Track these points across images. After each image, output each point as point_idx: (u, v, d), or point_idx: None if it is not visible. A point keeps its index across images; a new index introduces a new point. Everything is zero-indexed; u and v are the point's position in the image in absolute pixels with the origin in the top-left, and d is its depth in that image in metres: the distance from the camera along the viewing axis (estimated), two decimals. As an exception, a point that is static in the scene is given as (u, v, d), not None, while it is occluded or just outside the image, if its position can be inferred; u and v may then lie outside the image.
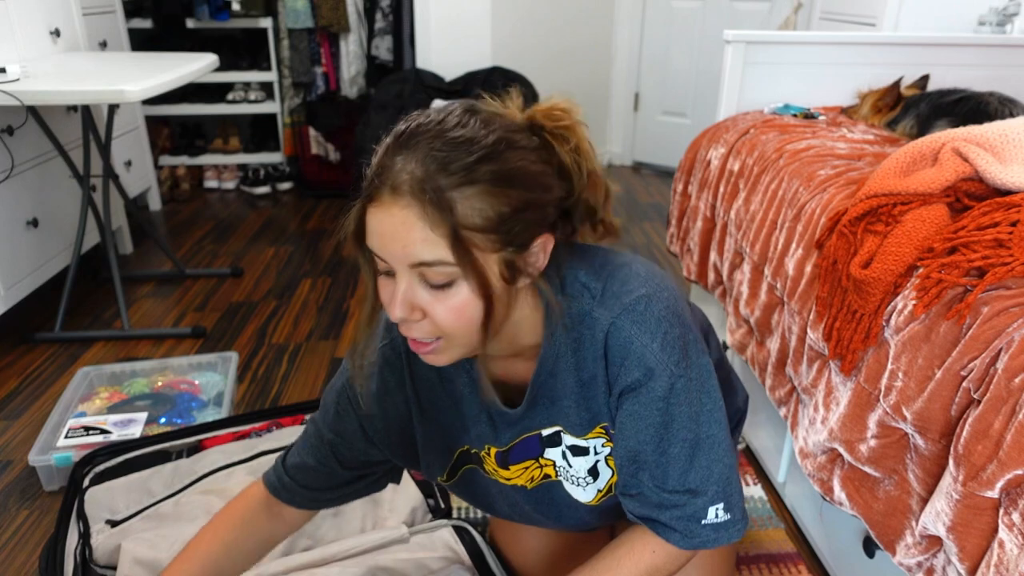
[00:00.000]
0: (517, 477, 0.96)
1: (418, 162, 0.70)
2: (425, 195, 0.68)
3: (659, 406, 0.80)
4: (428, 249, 0.70)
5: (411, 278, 0.72)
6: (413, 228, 0.69)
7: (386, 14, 3.49)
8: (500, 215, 0.71)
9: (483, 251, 0.72)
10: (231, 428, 1.60)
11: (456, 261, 0.70)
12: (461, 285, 0.72)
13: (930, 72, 1.87)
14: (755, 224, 1.52)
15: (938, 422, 0.91)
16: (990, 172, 1.07)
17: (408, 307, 0.73)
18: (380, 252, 0.72)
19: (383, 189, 0.70)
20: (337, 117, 3.59)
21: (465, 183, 0.69)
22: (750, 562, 1.38)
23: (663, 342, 0.79)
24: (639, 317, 0.79)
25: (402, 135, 0.73)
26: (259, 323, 2.34)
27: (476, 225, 0.70)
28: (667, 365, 0.79)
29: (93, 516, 1.36)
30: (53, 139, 2.17)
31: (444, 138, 0.71)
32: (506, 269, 0.74)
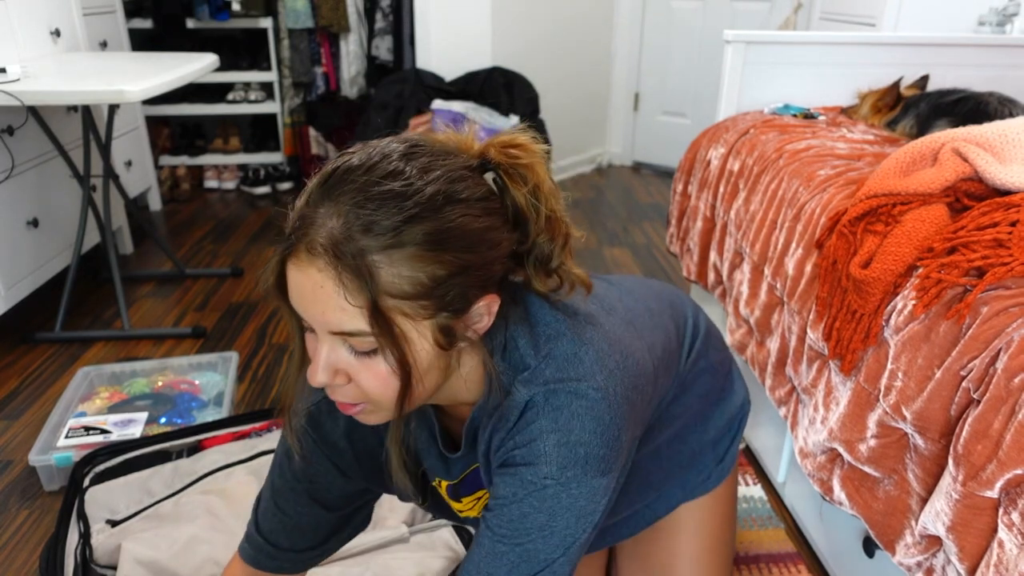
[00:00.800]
0: (469, 509, 0.92)
1: (339, 218, 0.62)
2: (342, 260, 0.61)
3: (518, 495, 0.71)
4: (346, 319, 0.63)
5: (333, 342, 0.66)
6: (329, 296, 0.62)
7: (386, 14, 3.49)
8: (433, 280, 0.64)
9: (412, 319, 0.65)
10: (231, 428, 1.60)
11: (375, 334, 0.63)
12: (387, 354, 0.65)
13: (930, 72, 1.88)
14: (755, 224, 1.52)
15: (938, 422, 0.91)
16: (990, 172, 1.07)
17: (331, 372, 0.68)
18: (299, 312, 0.66)
19: (300, 245, 0.63)
20: (337, 117, 3.59)
21: (392, 246, 0.62)
22: (749, 562, 1.38)
23: (559, 442, 0.70)
24: (553, 406, 0.70)
25: (328, 179, 0.65)
26: (259, 323, 2.34)
27: (403, 292, 0.63)
28: (550, 465, 0.70)
29: (93, 516, 1.36)
30: (53, 139, 2.17)
31: (371, 191, 0.63)
32: (441, 335, 0.67)
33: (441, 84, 3.30)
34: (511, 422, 0.73)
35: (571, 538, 0.72)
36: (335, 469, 0.88)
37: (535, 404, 0.71)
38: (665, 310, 0.97)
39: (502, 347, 0.74)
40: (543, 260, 0.74)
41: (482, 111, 3.15)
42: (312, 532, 0.92)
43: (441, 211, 0.63)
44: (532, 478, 0.70)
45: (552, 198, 0.72)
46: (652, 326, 0.89)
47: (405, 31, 3.52)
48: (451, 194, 0.64)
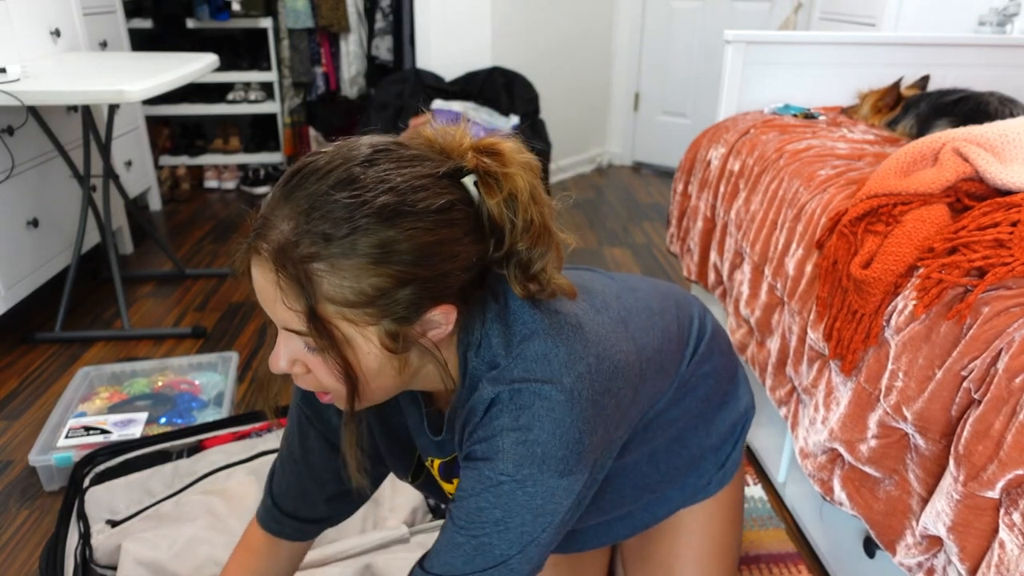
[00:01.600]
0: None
1: (290, 221, 0.64)
2: (284, 266, 0.63)
3: (476, 488, 0.72)
4: (290, 319, 0.66)
5: (288, 335, 0.69)
6: (275, 296, 0.65)
7: (386, 14, 3.49)
8: (377, 290, 0.64)
9: (356, 324, 0.66)
10: (231, 428, 1.60)
11: (313, 338, 0.66)
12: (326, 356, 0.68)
13: (930, 72, 1.87)
14: (755, 224, 1.52)
15: (938, 422, 0.91)
16: (990, 172, 1.07)
17: (289, 361, 0.71)
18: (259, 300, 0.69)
19: (258, 243, 0.66)
20: (337, 117, 3.59)
21: (335, 255, 0.63)
22: (750, 562, 1.38)
23: (518, 440, 0.70)
24: (517, 404, 0.71)
25: (291, 179, 0.66)
26: (259, 323, 2.34)
27: (345, 300, 0.64)
28: (506, 462, 0.70)
29: (93, 516, 1.36)
30: (53, 139, 2.17)
31: (322, 199, 0.63)
32: (389, 339, 0.67)
33: (441, 84, 3.30)
34: (477, 417, 0.73)
35: (528, 536, 0.72)
36: (327, 444, 0.91)
37: (500, 401, 0.72)
38: (669, 309, 0.96)
39: (477, 343, 0.74)
40: (522, 266, 0.73)
41: (482, 111, 3.15)
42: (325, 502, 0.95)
43: (389, 223, 0.63)
44: (489, 473, 0.71)
45: (534, 206, 0.71)
46: (648, 326, 0.89)
47: (405, 31, 3.52)
48: (401, 206, 0.64)
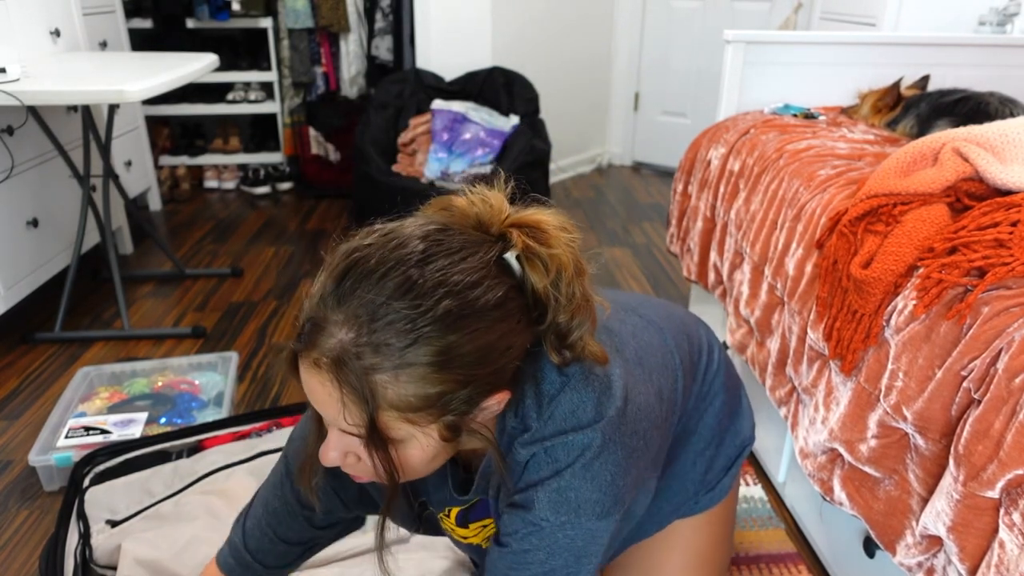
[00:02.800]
0: (474, 536, 0.93)
1: (348, 331, 0.62)
2: (347, 377, 0.62)
3: (520, 532, 0.74)
4: (347, 425, 0.65)
5: (340, 431, 0.69)
6: (333, 404, 0.64)
7: (386, 14, 3.49)
8: (439, 394, 0.65)
9: (417, 424, 0.66)
10: (231, 428, 1.60)
11: (368, 445, 0.65)
12: (399, 446, 0.68)
13: (930, 72, 1.87)
14: (755, 224, 1.52)
15: (938, 422, 0.91)
16: (990, 172, 1.07)
17: (341, 454, 0.70)
18: (311, 400, 0.68)
19: (311, 350, 0.64)
20: (337, 117, 3.59)
21: (399, 366, 0.62)
22: (750, 562, 1.38)
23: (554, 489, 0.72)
24: (552, 458, 0.73)
25: (343, 280, 0.64)
26: (259, 323, 2.34)
27: (408, 406, 0.64)
28: (544, 510, 0.73)
29: (93, 516, 1.36)
30: (53, 139, 2.17)
31: (383, 308, 0.62)
32: (448, 431, 0.68)
33: (441, 84, 3.30)
34: (515, 476, 0.75)
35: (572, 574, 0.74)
36: (340, 503, 0.90)
37: (536, 457, 0.73)
38: (682, 345, 0.95)
39: (513, 407, 0.74)
40: (560, 336, 0.73)
41: (482, 111, 3.15)
42: (300, 548, 0.95)
43: (452, 329, 0.63)
44: (531, 519, 0.73)
45: (577, 280, 0.71)
46: (662, 366, 0.88)
47: (405, 31, 3.52)
48: (464, 309, 0.64)
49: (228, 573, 0.94)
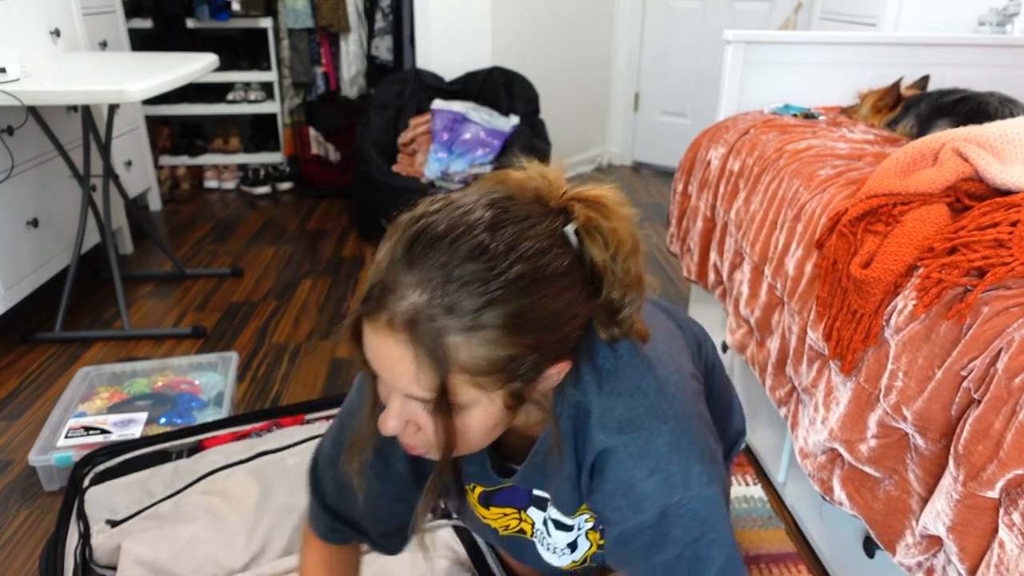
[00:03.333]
0: (495, 520, 0.94)
1: (422, 294, 0.62)
2: (421, 338, 0.62)
3: (649, 533, 0.74)
4: (418, 388, 0.65)
5: (403, 399, 0.68)
6: (405, 366, 0.64)
7: (386, 14, 3.49)
8: (509, 358, 0.65)
9: (484, 389, 0.66)
10: (231, 428, 1.60)
11: (436, 408, 0.65)
12: (462, 412, 0.68)
13: (930, 72, 1.87)
14: (755, 224, 1.52)
15: (938, 422, 0.91)
16: (990, 172, 1.07)
17: (402, 423, 0.70)
18: (374, 367, 0.68)
19: (381, 312, 0.64)
20: (337, 117, 3.59)
21: (472, 328, 0.62)
22: (750, 562, 1.38)
23: (658, 482, 0.73)
24: (638, 450, 0.73)
25: (413, 244, 0.64)
26: (259, 323, 2.34)
27: (478, 369, 0.64)
28: (657, 502, 0.73)
29: (93, 516, 1.36)
30: (53, 139, 2.17)
31: (456, 271, 0.62)
32: (512, 399, 0.69)
33: (441, 84, 3.30)
34: (589, 461, 0.75)
35: (722, 539, 0.75)
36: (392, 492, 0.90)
37: (616, 453, 0.73)
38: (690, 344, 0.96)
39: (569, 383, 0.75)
40: (611, 312, 0.73)
41: (482, 111, 3.15)
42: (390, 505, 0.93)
43: (525, 293, 0.64)
44: (647, 518, 0.73)
45: (633, 258, 0.71)
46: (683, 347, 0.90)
47: (405, 31, 3.52)
48: (536, 274, 0.64)
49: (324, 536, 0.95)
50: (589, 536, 0.92)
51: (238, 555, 1.26)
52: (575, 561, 0.95)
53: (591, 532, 0.91)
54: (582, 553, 0.94)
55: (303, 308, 2.45)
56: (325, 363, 2.09)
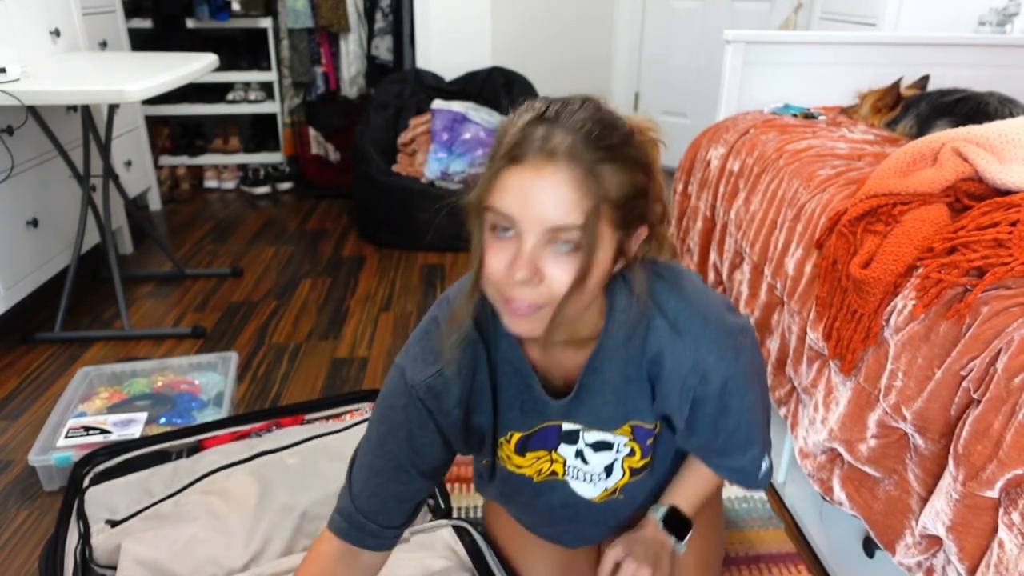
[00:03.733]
0: (528, 466, 0.99)
1: (571, 133, 0.73)
2: (579, 163, 0.72)
3: (714, 402, 0.88)
4: (570, 213, 0.73)
5: (539, 240, 0.74)
6: (563, 191, 0.72)
7: (386, 14, 3.49)
8: (627, 195, 0.76)
9: (609, 226, 0.75)
10: (231, 428, 1.60)
11: (591, 226, 0.73)
12: (583, 251, 0.75)
13: (930, 72, 1.87)
14: (755, 224, 1.52)
15: (938, 422, 0.91)
16: (990, 172, 1.07)
17: (532, 268, 0.74)
18: (515, 211, 0.74)
19: (534, 154, 0.73)
20: (337, 117, 3.59)
21: (610, 159, 0.74)
22: (750, 562, 1.38)
23: (717, 349, 0.86)
24: (679, 318, 0.86)
25: (545, 111, 0.76)
26: (259, 323, 2.34)
27: (612, 199, 0.74)
28: (719, 367, 0.86)
29: (93, 516, 1.36)
30: (53, 139, 2.17)
31: (593, 120, 0.75)
32: (617, 247, 0.78)
33: (441, 84, 3.30)
34: (651, 353, 0.87)
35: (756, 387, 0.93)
36: (440, 438, 0.93)
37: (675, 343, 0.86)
38: None
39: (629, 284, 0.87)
40: (659, 220, 0.85)
41: (482, 111, 3.15)
42: (408, 505, 0.96)
43: (633, 142, 0.78)
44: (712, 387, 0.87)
45: (658, 174, 0.83)
46: None
47: (405, 31, 3.52)
48: (634, 134, 0.79)
49: (344, 537, 0.95)
50: (625, 464, 0.97)
51: (238, 555, 1.26)
52: (607, 489, 1.00)
53: (627, 459, 0.97)
54: (615, 481, 0.99)
55: (303, 308, 2.45)
56: (325, 363, 2.09)
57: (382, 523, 0.95)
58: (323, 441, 1.51)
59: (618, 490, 1.01)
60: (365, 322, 2.34)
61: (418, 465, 0.93)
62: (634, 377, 0.89)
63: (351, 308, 2.45)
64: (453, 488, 1.57)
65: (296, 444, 1.50)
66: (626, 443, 0.96)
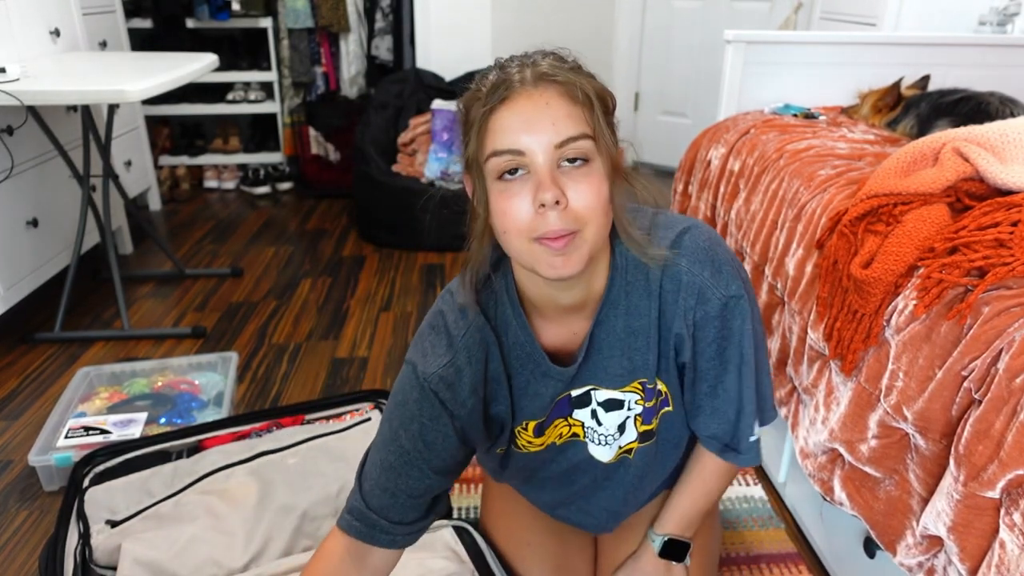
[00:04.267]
0: (549, 438, 1.01)
1: (541, 59, 0.80)
2: (560, 78, 0.78)
3: (715, 325, 0.89)
4: (573, 124, 0.76)
5: (551, 160, 0.76)
6: (559, 105, 0.77)
7: (386, 14, 3.49)
8: (608, 109, 0.81)
9: (603, 130, 0.79)
10: (231, 428, 1.60)
11: (593, 132, 0.78)
12: (595, 163, 0.78)
13: (930, 72, 1.87)
14: (755, 224, 1.52)
15: (939, 422, 0.91)
16: (991, 172, 1.07)
17: (556, 188, 0.76)
18: (519, 142, 0.76)
19: (519, 85, 0.77)
20: (337, 117, 3.59)
21: (582, 73, 0.80)
22: (750, 562, 1.38)
23: (712, 269, 0.88)
24: (687, 252, 0.88)
25: (511, 58, 0.82)
26: (259, 323, 2.34)
27: (600, 107, 0.79)
28: (717, 289, 0.88)
29: (93, 516, 1.36)
30: (53, 139, 2.17)
31: (547, 51, 0.82)
32: (612, 159, 0.81)
33: (441, 84, 3.30)
34: (655, 287, 0.89)
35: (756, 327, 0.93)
36: (454, 432, 0.92)
37: (673, 263, 0.88)
38: None
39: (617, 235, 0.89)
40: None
41: (482, 111, 3.15)
42: (420, 500, 0.94)
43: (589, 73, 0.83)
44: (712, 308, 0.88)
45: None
46: None
47: (405, 31, 3.52)
48: None
49: (356, 535, 0.93)
50: (637, 424, 0.98)
51: (238, 555, 1.26)
52: (620, 448, 1.01)
53: (638, 418, 0.98)
54: (628, 440, 1.00)
55: (303, 308, 2.45)
56: (325, 363, 2.09)
57: (393, 519, 0.93)
58: (323, 441, 1.51)
59: (633, 452, 1.02)
60: (365, 322, 2.34)
61: (430, 461, 0.92)
62: (640, 328, 0.90)
63: (351, 308, 2.45)
64: (453, 488, 1.57)
65: (296, 444, 1.50)
66: (637, 401, 0.96)
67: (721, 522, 1.47)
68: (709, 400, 0.95)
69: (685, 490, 1.06)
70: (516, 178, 0.77)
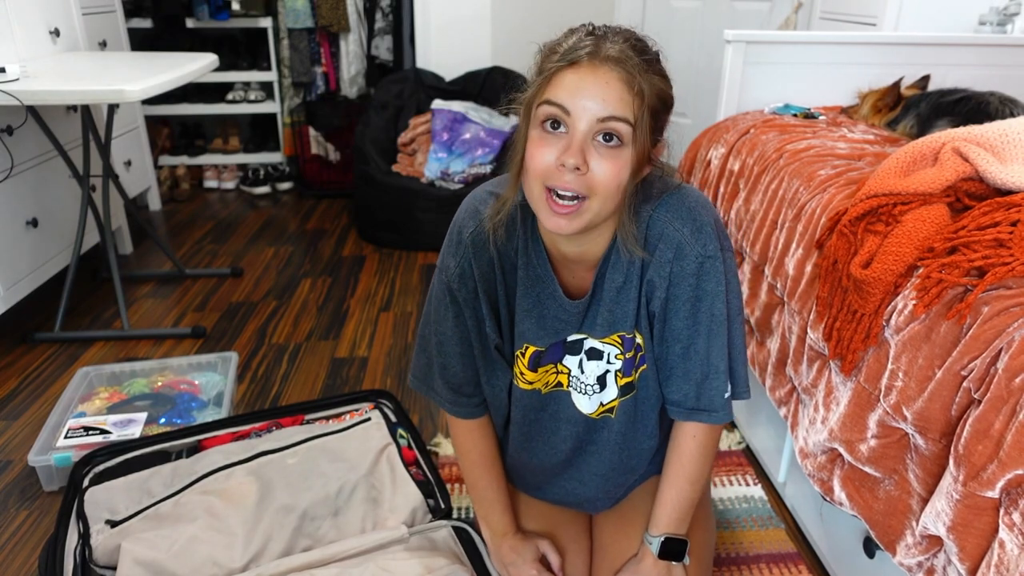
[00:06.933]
0: (538, 381, 1.08)
1: (620, 42, 0.86)
2: (626, 67, 0.84)
3: (690, 282, 0.95)
4: (620, 106, 0.83)
5: (589, 130, 0.84)
6: (615, 87, 0.83)
7: (386, 14, 3.49)
8: (659, 106, 0.87)
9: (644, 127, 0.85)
10: (231, 428, 1.60)
11: (634, 121, 0.84)
12: (626, 149, 0.85)
13: (930, 72, 1.87)
14: (755, 224, 1.52)
15: (938, 422, 0.91)
16: (990, 172, 1.07)
17: (581, 156, 0.84)
18: (569, 102, 0.84)
19: (589, 58, 0.84)
20: (337, 117, 3.59)
21: (650, 69, 0.86)
22: (750, 562, 1.38)
23: (693, 227, 0.94)
24: (672, 207, 0.95)
25: (592, 30, 0.89)
26: (259, 323, 2.34)
27: (651, 104, 0.85)
28: (694, 246, 0.94)
29: (93, 516, 1.36)
30: (53, 139, 2.17)
31: (633, 35, 0.89)
32: (644, 154, 0.88)
33: (441, 84, 3.30)
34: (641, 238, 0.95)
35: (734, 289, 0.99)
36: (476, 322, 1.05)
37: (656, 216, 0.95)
38: None
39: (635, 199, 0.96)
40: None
41: (482, 111, 3.15)
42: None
43: (662, 63, 0.90)
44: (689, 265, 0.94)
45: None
46: None
47: (405, 31, 3.52)
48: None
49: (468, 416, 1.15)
50: (617, 379, 1.05)
51: (238, 555, 1.26)
52: (602, 404, 1.07)
53: (619, 374, 1.04)
54: (609, 397, 1.07)
55: (303, 308, 2.45)
56: (325, 363, 2.09)
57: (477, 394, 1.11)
58: (323, 441, 1.51)
59: (615, 410, 1.08)
60: (365, 322, 2.34)
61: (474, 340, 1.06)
62: (626, 283, 0.98)
63: (351, 308, 2.45)
64: (453, 488, 1.57)
65: (296, 444, 1.50)
66: (616, 355, 1.03)
67: (721, 522, 1.47)
68: (682, 362, 1.01)
69: (668, 480, 1.09)
70: (555, 133, 0.85)
